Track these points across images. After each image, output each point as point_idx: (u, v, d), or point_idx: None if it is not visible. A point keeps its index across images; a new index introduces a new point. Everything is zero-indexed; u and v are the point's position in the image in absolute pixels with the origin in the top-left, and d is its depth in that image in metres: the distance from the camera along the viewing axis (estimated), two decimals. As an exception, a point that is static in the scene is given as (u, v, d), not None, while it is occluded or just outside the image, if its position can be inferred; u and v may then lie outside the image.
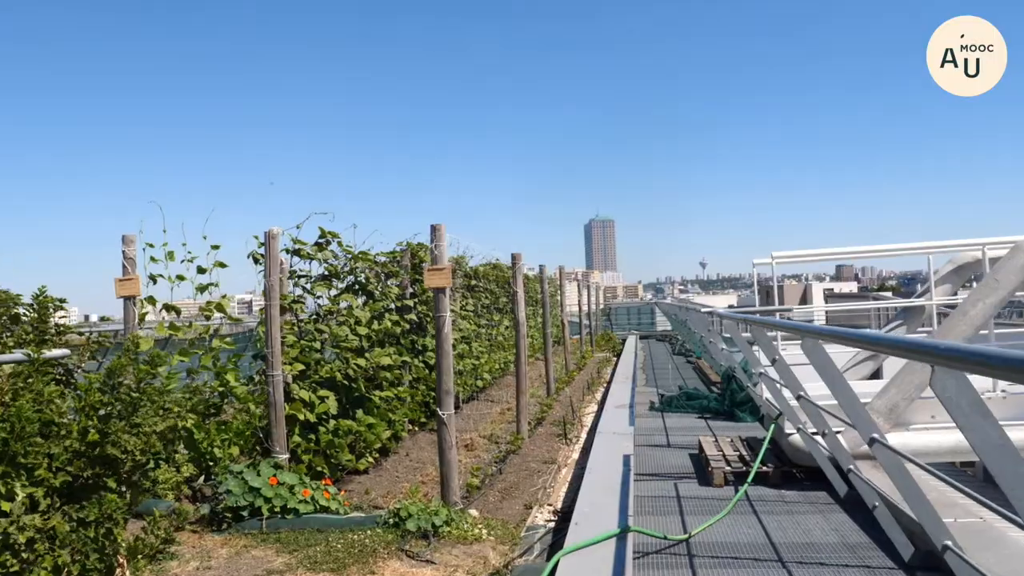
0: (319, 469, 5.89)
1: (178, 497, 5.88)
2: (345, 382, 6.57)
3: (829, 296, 54.64)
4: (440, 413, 5.52)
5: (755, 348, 5.96)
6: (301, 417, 5.78)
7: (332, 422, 6.27)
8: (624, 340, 25.56)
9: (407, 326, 8.30)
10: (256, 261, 5.74)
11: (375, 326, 7.34)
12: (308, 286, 6.31)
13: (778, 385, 5.41)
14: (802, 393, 4.11)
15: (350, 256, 6.86)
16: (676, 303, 28.04)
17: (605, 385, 13.76)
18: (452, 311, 10.53)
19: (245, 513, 5.18)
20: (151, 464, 5.97)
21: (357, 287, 7.23)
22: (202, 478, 5.91)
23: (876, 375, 7.84)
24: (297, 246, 5.99)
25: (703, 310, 8.92)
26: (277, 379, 5.55)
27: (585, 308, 22.14)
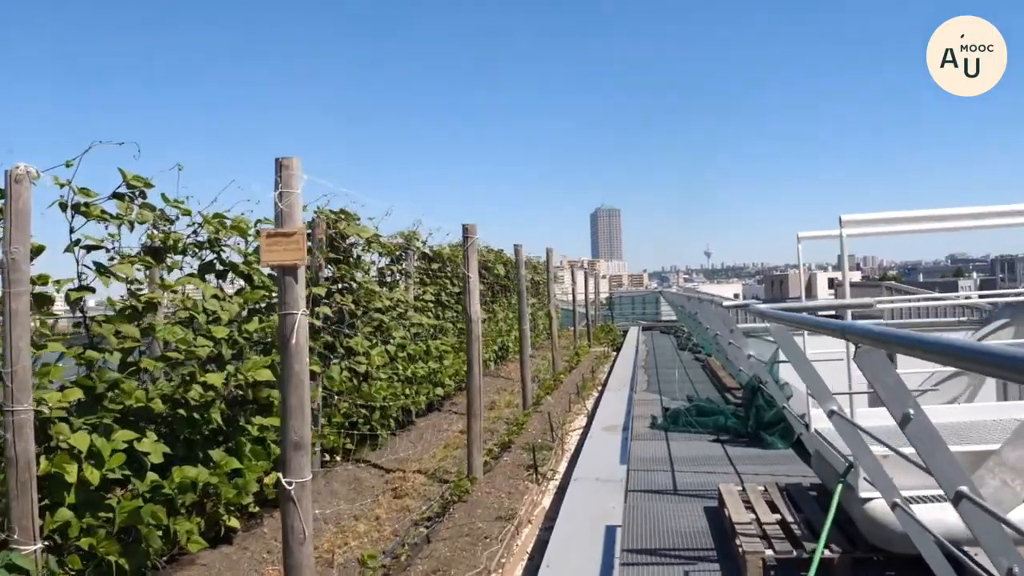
0: (112, 560, 3.66)
1: None
2: (181, 412, 4.34)
3: (839, 286, 52.47)
4: (283, 482, 3.24)
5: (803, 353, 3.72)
6: (71, 477, 3.54)
7: (150, 476, 4.04)
8: (626, 332, 23.31)
9: (317, 323, 6.06)
10: (-7, 223, 3.50)
11: (254, 324, 5.10)
12: (111, 262, 4.03)
13: (860, 434, 3.18)
14: (965, 491, 1.88)
15: (198, 221, 4.58)
16: (682, 292, 25.79)
17: (599, 389, 11.52)
18: (402, 301, 8.30)
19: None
20: None
21: (224, 268, 4.97)
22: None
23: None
24: (80, 198, 3.73)
25: (725, 303, 6.67)
26: (23, 419, 3.31)
27: (581, 297, 19.88)
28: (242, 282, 5.24)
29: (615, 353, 17.60)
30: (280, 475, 3.24)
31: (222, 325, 4.68)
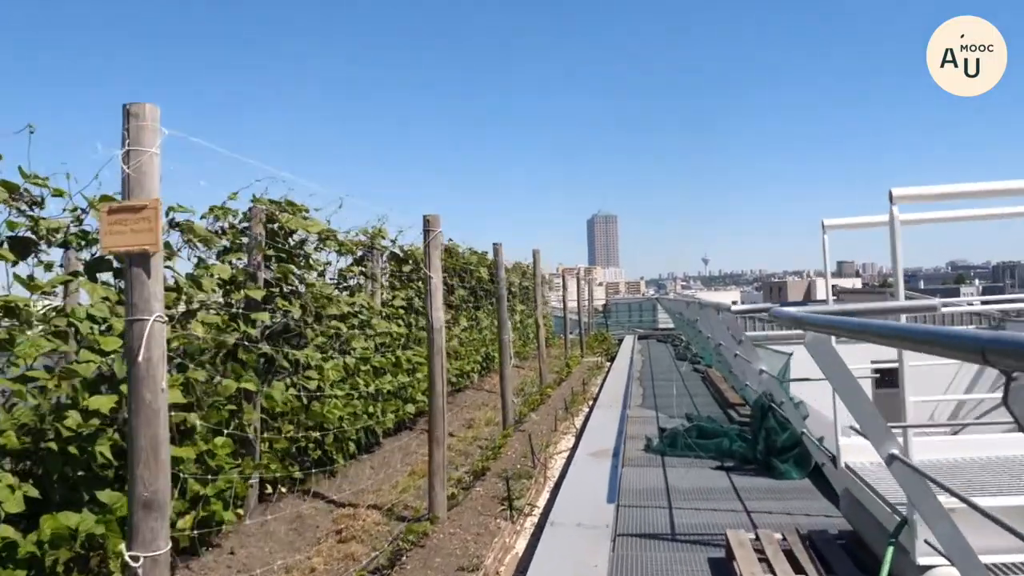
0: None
1: None
2: (52, 445, 3.44)
3: (842, 292, 51.44)
4: (127, 557, 2.34)
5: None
6: None
7: (2, 531, 3.14)
8: (620, 341, 22.40)
9: (254, 332, 5.17)
10: None
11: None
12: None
13: (925, 483, 2.30)
14: None
15: (83, 205, 3.67)
16: (679, 299, 24.90)
17: (590, 404, 10.61)
18: (367, 307, 7.41)
19: None
20: None
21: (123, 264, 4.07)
22: None
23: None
24: None
25: (734, 308, 5.74)
26: None
27: (574, 304, 19.00)
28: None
29: (609, 364, 16.72)
30: (123, 550, 2.33)
31: (115, 335, 3.78)
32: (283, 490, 5.79)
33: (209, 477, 4.58)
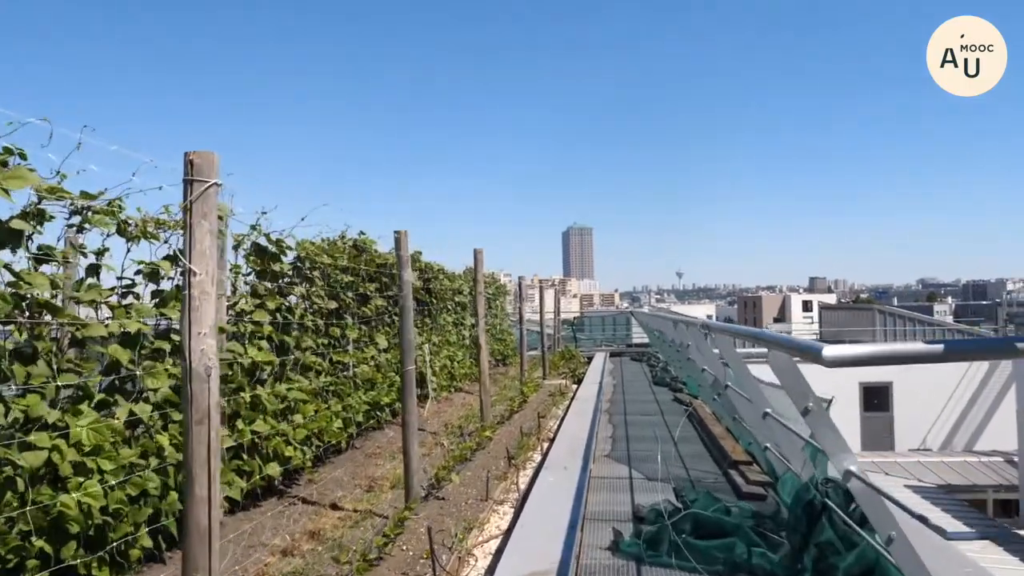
0: None
1: None
2: None
3: (824, 308, 49.54)
4: None
5: None
6: None
7: None
8: (590, 359, 19.96)
9: None
10: None
11: None
12: None
13: None
14: None
15: None
16: (657, 313, 22.55)
17: (543, 451, 8.11)
18: (233, 315, 4.86)
19: None
20: None
21: None
22: None
23: None
24: None
25: (828, 354, 3.13)
26: None
27: (532, 316, 16.53)
28: None
29: (575, 386, 14.26)
30: None
31: None
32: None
33: None
